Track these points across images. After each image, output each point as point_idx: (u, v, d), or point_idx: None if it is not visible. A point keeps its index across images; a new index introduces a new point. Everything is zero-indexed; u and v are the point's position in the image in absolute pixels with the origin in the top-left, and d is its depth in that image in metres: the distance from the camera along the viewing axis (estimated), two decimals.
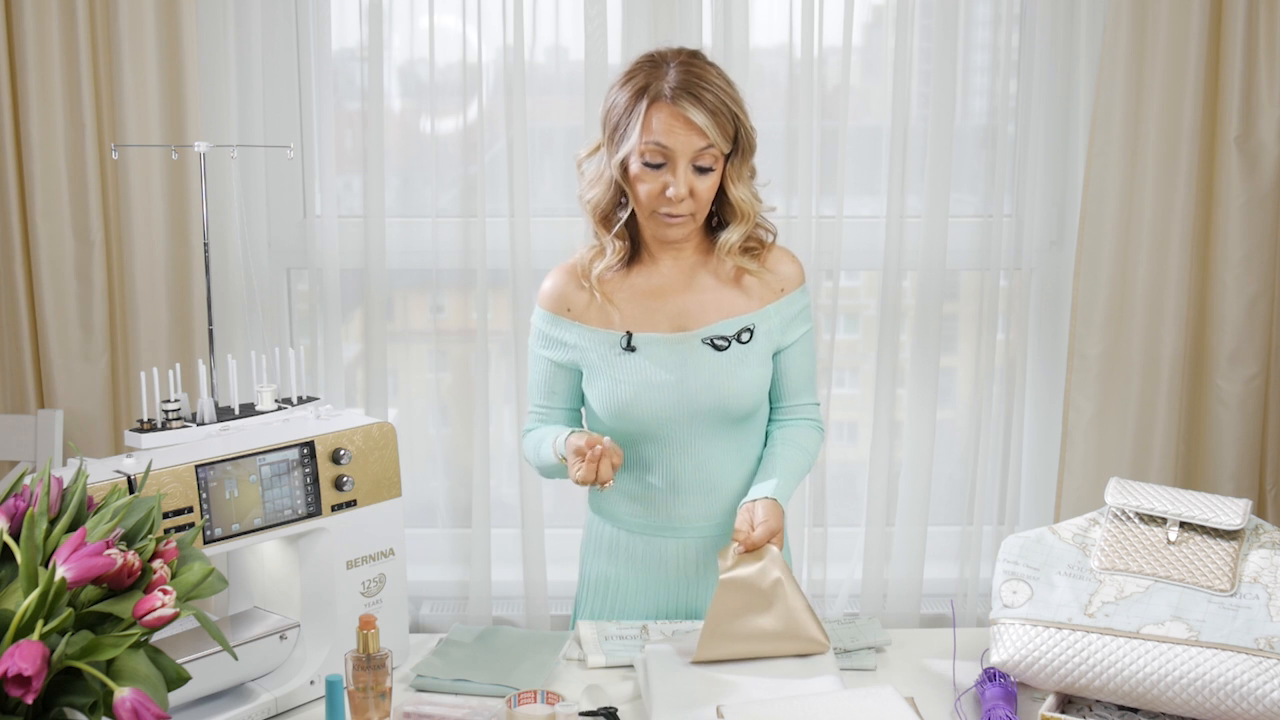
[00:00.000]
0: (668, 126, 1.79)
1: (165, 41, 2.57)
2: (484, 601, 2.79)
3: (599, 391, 1.91)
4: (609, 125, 1.86)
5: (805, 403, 2.01)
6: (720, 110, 1.80)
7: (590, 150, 1.92)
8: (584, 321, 1.93)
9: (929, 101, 2.65)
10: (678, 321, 1.92)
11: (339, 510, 1.74)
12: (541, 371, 1.98)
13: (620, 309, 1.92)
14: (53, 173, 2.59)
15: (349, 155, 2.80)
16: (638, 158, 1.82)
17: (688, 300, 1.92)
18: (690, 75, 1.80)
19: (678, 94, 1.79)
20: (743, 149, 1.86)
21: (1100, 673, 1.59)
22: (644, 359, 1.90)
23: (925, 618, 2.81)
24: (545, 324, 1.96)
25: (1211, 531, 1.66)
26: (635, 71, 1.84)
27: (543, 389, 1.99)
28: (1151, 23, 2.53)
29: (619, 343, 1.91)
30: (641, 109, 1.80)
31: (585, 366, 1.94)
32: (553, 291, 1.96)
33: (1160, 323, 2.62)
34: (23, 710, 1.14)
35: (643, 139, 1.80)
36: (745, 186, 1.89)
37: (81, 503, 1.25)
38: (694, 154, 1.81)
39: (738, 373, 1.90)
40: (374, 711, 1.59)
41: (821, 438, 2.03)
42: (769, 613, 1.75)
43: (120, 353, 2.68)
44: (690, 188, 1.82)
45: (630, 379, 1.89)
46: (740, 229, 1.90)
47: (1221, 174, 2.59)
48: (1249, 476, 2.68)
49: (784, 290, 1.95)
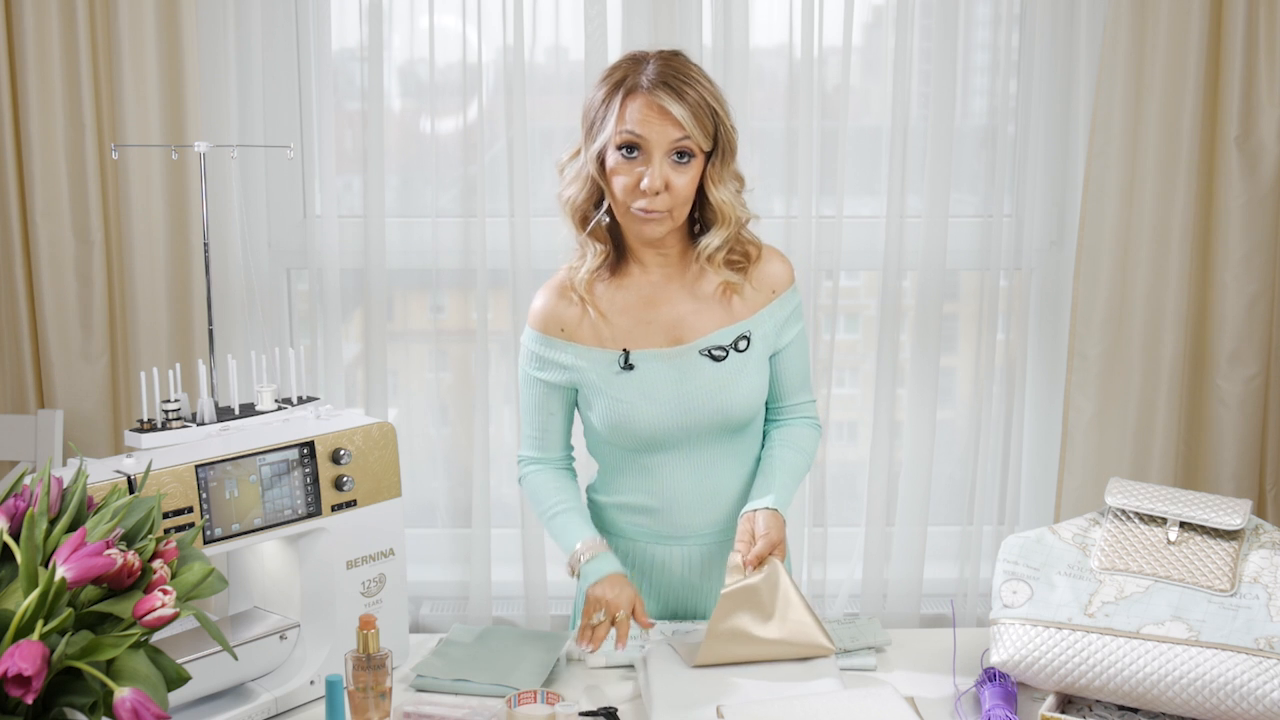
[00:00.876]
0: (643, 116, 1.75)
1: (165, 41, 2.57)
2: (484, 601, 2.79)
3: (599, 411, 1.89)
4: (586, 120, 1.83)
5: (802, 401, 1.99)
6: (700, 106, 1.76)
7: (571, 154, 1.88)
8: (578, 340, 1.89)
9: (929, 101, 2.65)
10: (673, 334, 1.88)
11: (339, 510, 1.74)
12: (534, 397, 1.94)
13: (612, 323, 1.88)
14: (53, 173, 2.59)
15: (349, 155, 2.80)
16: (613, 149, 1.78)
17: (680, 310, 1.88)
18: (669, 69, 1.77)
19: (655, 85, 1.75)
20: (723, 149, 1.81)
21: (1100, 673, 1.59)
22: (642, 376, 1.86)
23: (925, 618, 2.81)
24: (537, 345, 1.92)
25: (1211, 532, 1.66)
26: (615, 68, 1.81)
27: (536, 417, 1.95)
28: (1151, 23, 2.53)
29: (616, 362, 1.87)
30: (618, 100, 1.77)
31: (583, 386, 1.90)
32: (543, 311, 1.91)
33: (1160, 323, 2.62)
34: (23, 710, 1.14)
35: (618, 128, 1.77)
36: (727, 190, 1.83)
37: (81, 503, 1.25)
38: (670, 144, 1.76)
39: (738, 381, 1.87)
40: (374, 711, 1.59)
41: (819, 435, 2.01)
42: (771, 622, 1.75)
43: (120, 353, 2.68)
44: (666, 181, 1.77)
45: (629, 396, 1.86)
46: (722, 233, 1.85)
47: (1221, 174, 2.59)
48: (1249, 476, 2.68)
49: (775, 291, 1.92)
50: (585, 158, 1.83)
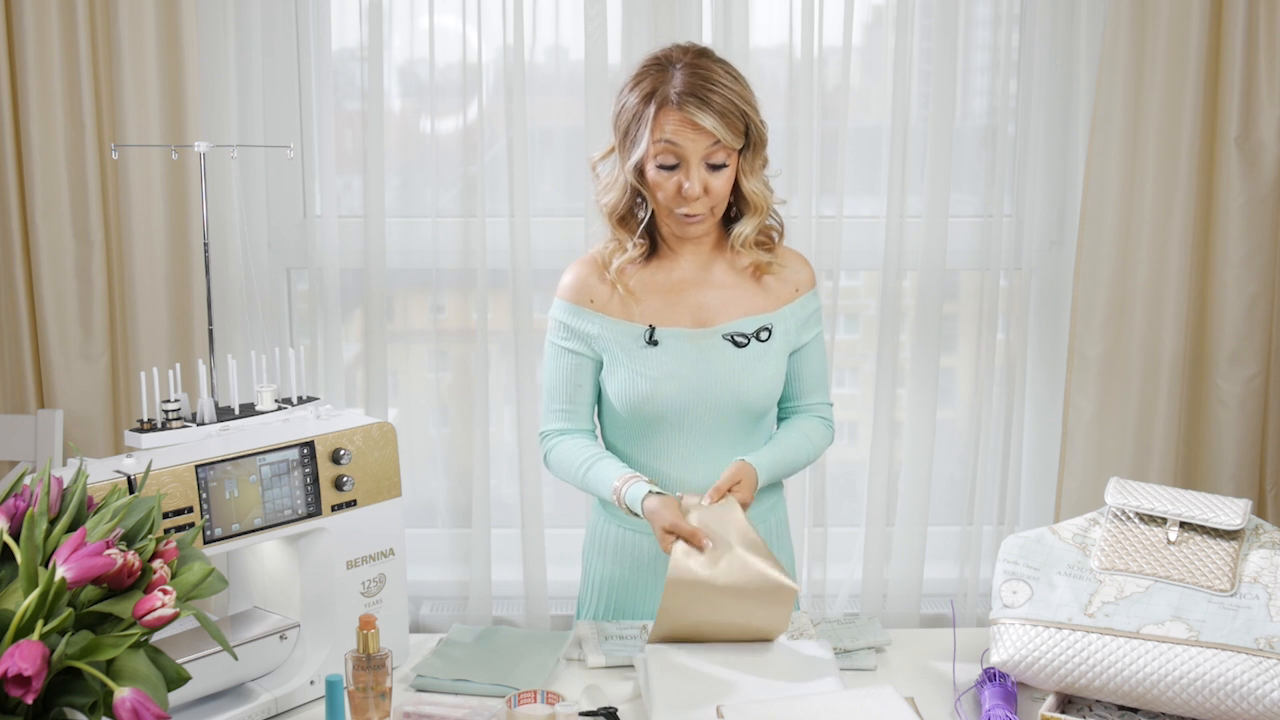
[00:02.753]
0: (676, 129, 1.81)
1: (165, 41, 2.57)
2: (484, 601, 2.79)
3: (619, 383, 1.93)
4: (619, 130, 1.89)
5: (818, 402, 2.04)
6: (729, 110, 1.82)
7: (604, 154, 1.94)
8: (606, 313, 1.94)
9: (929, 101, 2.65)
10: (698, 316, 1.94)
11: (339, 510, 1.74)
12: (563, 368, 1.98)
13: (641, 302, 1.94)
14: (53, 173, 2.59)
15: (349, 155, 2.80)
16: (651, 161, 1.84)
17: (707, 295, 1.95)
18: (696, 78, 1.81)
19: (684, 99, 1.80)
20: (754, 143, 1.88)
21: (1100, 673, 1.59)
22: (665, 352, 1.91)
23: (925, 618, 2.81)
24: (566, 315, 1.96)
25: (1211, 531, 1.66)
26: (643, 75, 1.85)
27: (565, 388, 1.98)
28: (1151, 23, 2.53)
29: (642, 336, 1.92)
30: (650, 114, 1.82)
31: (606, 356, 1.95)
32: (575, 283, 1.96)
33: (1160, 323, 2.62)
34: (23, 710, 1.14)
35: (653, 140, 1.82)
36: (758, 179, 1.91)
37: (81, 503, 1.25)
38: (705, 152, 1.82)
39: (756, 369, 1.92)
40: (374, 711, 1.59)
41: (830, 434, 2.05)
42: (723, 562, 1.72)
43: (120, 353, 2.68)
44: (705, 185, 1.84)
45: (651, 372, 1.91)
46: (753, 221, 1.93)
47: (1221, 174, 2.59)
48: (1249, 476, 2.68)
49: (799, 291, 1.99)
50: (621, 167, 1.89)
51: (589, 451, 1.95)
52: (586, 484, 1.95)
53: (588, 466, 1.93)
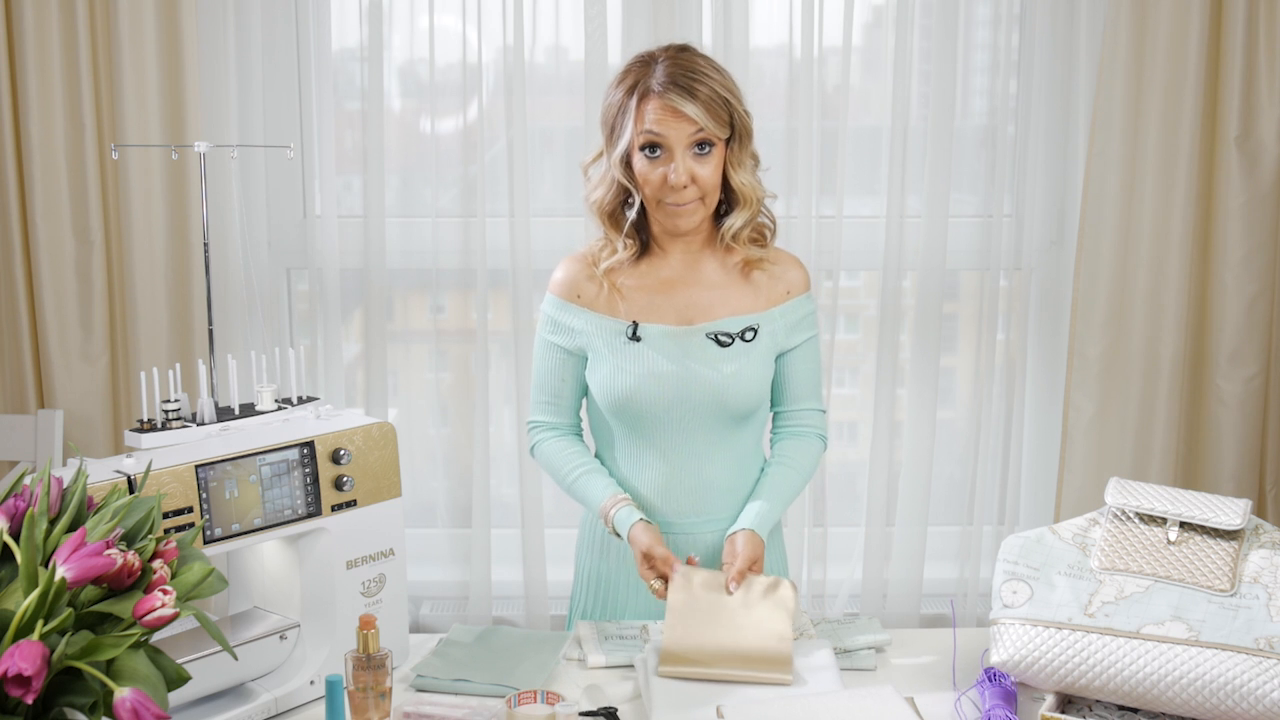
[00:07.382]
0: (659, 116, 1.83)
1: (165, 41, 2.57)
2: (484, 601, 2.79)
3: (601, 378, 1.93)
4: (606, 125, 1.91)
5: (808, 408, 2.02)
6: (712, 99, 1.83)
7: (594, 156, 1.96)
8: (592, 308, 1.95)
9: (929, 101, 2.65)
10: (684, 314, 1.94)
11: (339, 510, 1.74)
12: (549, 361, 1.99)
13: (628, 299, 1.95)
14: (53, 173, 2.58)
15: (349, 155, 2.80)
16: (637, 151, 1.85)
17: (695, 294, 1.95)
18: (678, 68, 1.84)
19: (667, 86, 1.82)
20: (740, 134, 1.89)
21: (1100, 673, 1.59)
22: (648, 349, 1.92)
23: (925, 618, 2.81)
24: (555, 309, 1.98)
25: (1211, 531, 1.66)
26: (628, 71, 1.88)
27: (550, 382, 2.00)
28: (1151, 23, 2.53)
29: (624, 331, 1.93)
30: (633, 105, 1.84)
31: (590, 352, 1.95)
32: (564, 280, 1.98)
33: (1160, 323, 2.62)
34: (23, 710, 1.14)
35: (637, 130, 1.84)
36: (747, 173, 1.91)
37: (81, 503, 1.25)
38: (689, 139, 1.83)
39: (739, 369, 1.91)
40: (374, 711, 1.59)
41: (823, 448, 2.04)
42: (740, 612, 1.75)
43: (120, 353, 2.68)
44: (691, 173, 1.84)
45: (633, 368, 1.91)
46: (744, 214, 1.93)
47: (1221, 174, 2.59)
48: (1249, 476, 2.68)
49: (789, 293, 1.98)
50: (609, 162, 1.90)
51: (578, 460, 1.98)
52: (573, 493, 1.99)
53: (575, 477, 1.97)
